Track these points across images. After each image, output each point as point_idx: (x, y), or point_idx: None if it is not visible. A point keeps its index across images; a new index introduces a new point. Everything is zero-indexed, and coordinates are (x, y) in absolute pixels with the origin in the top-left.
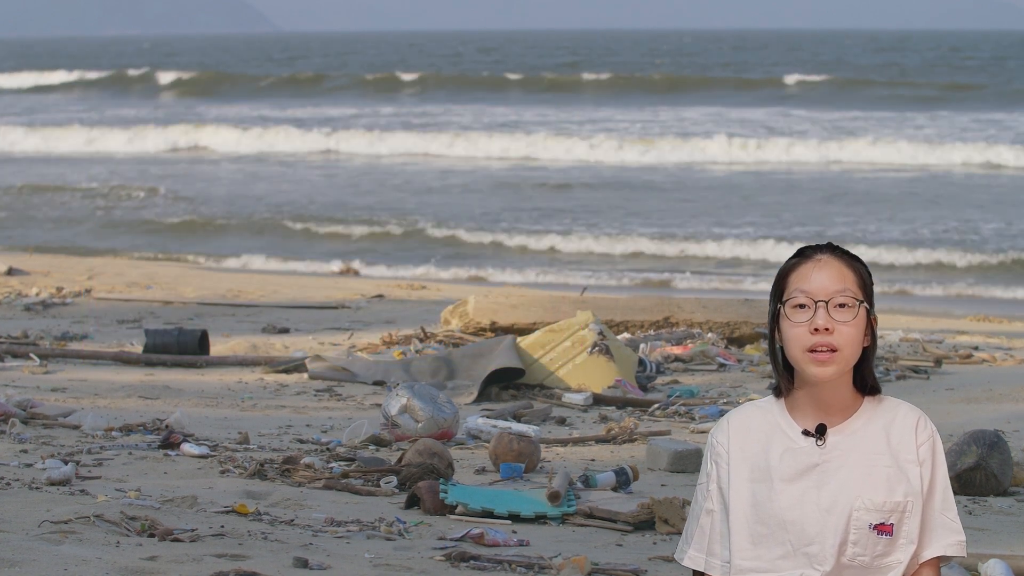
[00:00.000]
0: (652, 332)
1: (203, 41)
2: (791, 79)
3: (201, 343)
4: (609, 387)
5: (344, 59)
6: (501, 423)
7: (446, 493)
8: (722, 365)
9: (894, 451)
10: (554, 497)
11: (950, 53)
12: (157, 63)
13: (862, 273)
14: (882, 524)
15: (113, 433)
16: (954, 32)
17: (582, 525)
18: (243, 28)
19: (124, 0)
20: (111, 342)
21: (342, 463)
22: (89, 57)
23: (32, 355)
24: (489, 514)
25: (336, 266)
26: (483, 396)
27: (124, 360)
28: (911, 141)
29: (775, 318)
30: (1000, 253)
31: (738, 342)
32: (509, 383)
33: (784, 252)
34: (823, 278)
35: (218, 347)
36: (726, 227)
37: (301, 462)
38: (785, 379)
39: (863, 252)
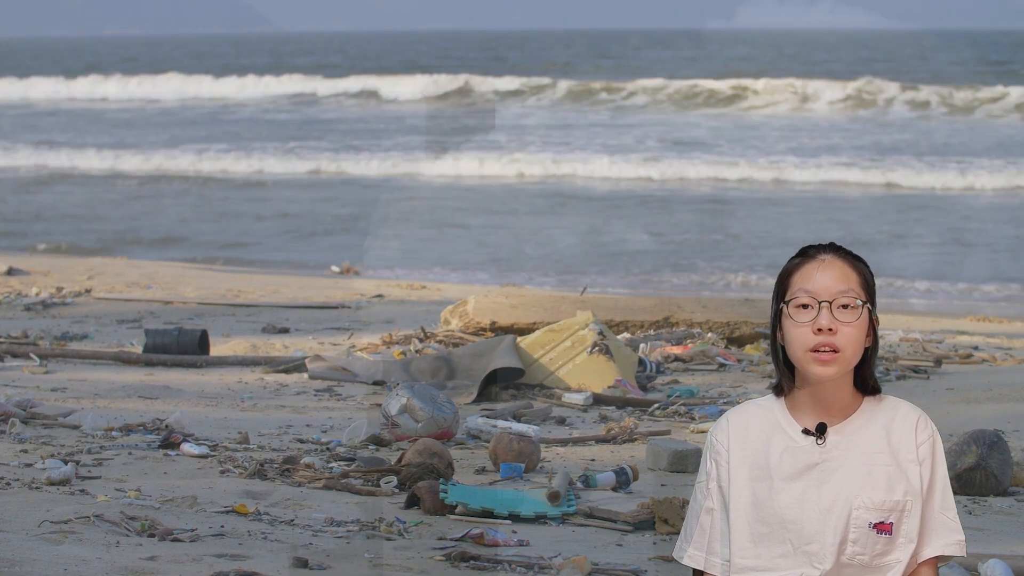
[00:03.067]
0: (652, 332)
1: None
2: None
3: (201, 343)
4: (609, 387)
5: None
6: (501, 423)
7: (446, 493)
8: (722, 365)
9: (894, 450)
10: (554, 497)
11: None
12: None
13: (864, 273)
14: (882, 523)
15: (113, 433)
16: (927, 31)
17: (582, 525)
18: (243, 28)
19: (124, 0)
20: (111, 342)
21: (342, 463)
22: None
23: (32, 355)
24: (489, 514)
25: (336, 266)
26: (483, 396)
27: (124, 360)
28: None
29: (777, 317)
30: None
31: (738, 342)
32: (509, 383)
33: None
34: (827, 278)
35: (218, 347)
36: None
37: (301, 462)
38: (786, 378)
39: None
